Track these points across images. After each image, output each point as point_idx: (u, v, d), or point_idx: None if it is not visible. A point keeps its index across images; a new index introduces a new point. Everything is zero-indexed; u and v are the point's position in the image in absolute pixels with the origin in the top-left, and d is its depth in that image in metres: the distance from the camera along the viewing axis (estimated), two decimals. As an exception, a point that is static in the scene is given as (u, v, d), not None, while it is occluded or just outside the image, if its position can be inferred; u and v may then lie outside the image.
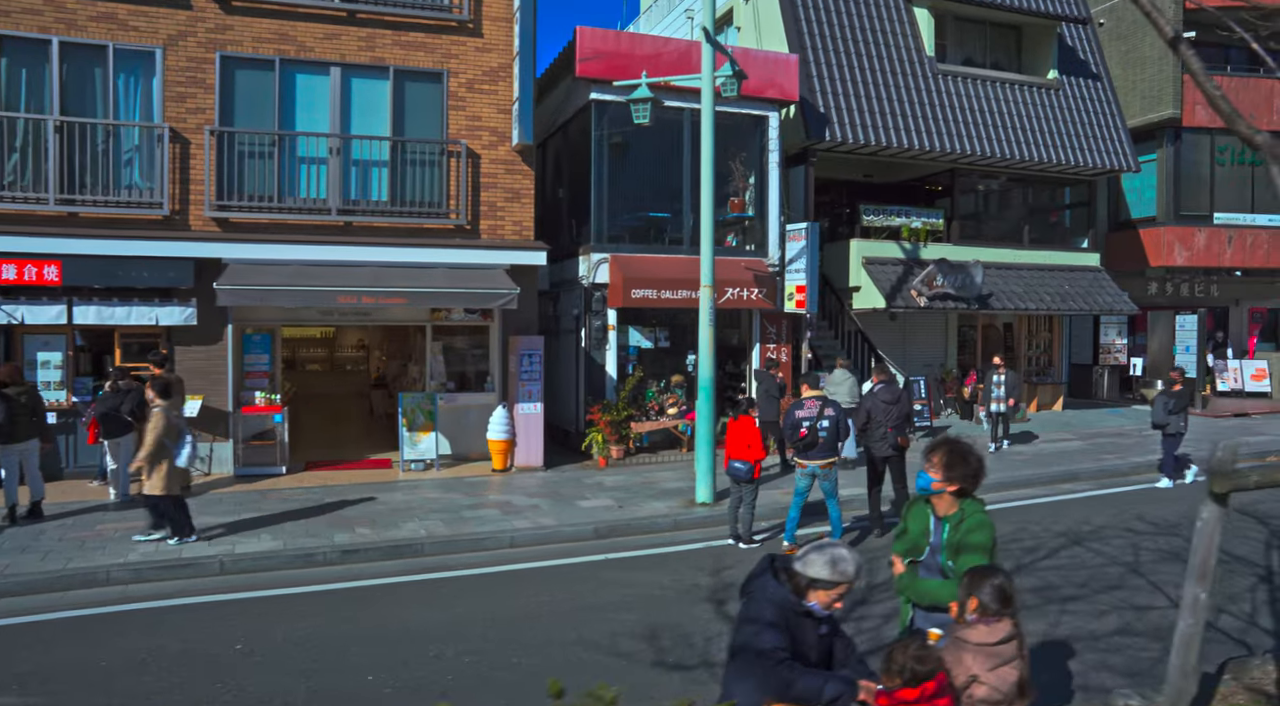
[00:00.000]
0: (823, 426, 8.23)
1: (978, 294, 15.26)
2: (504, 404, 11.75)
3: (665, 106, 12.90)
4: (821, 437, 8.24)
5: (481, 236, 12.07)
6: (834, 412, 8.30)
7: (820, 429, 8.23)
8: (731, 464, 8.55)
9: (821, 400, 8.40)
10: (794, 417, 8.37)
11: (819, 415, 8.26)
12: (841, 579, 2.91)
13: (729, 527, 8.76)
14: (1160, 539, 8.78)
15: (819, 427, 8.23)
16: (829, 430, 8.25)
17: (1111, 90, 17.45)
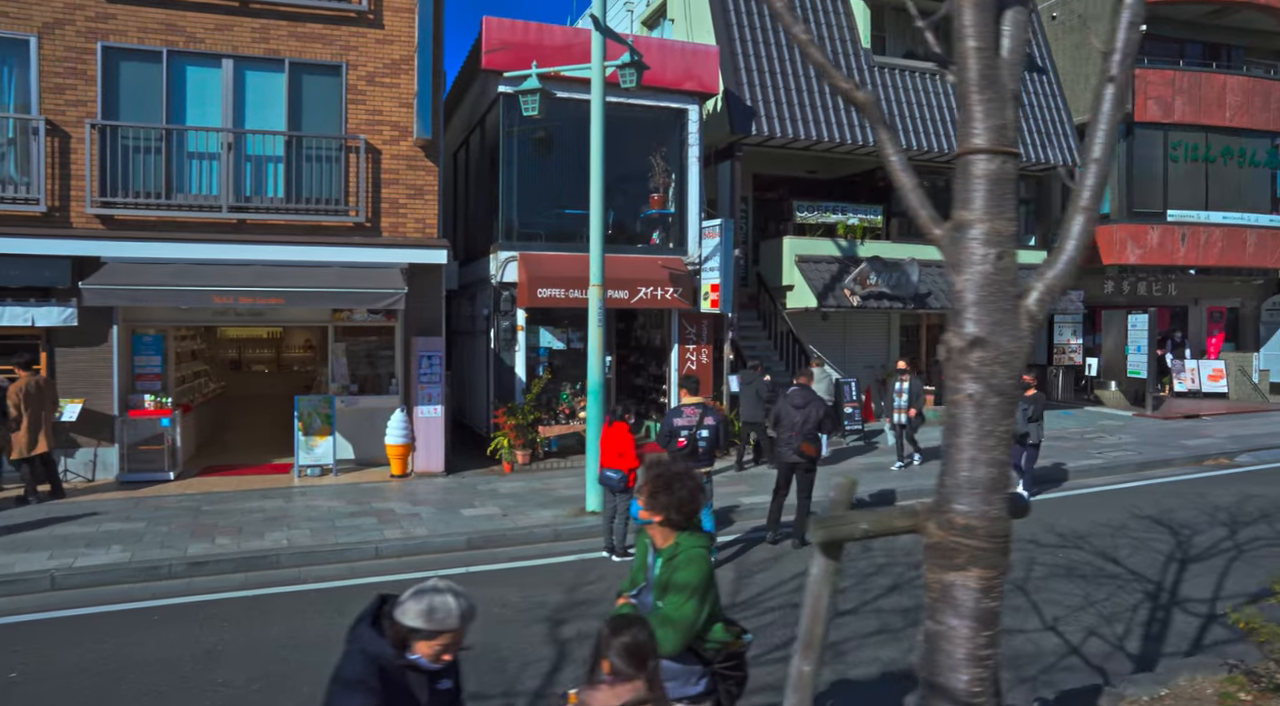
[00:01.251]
0: (702, 436, 7.87)
1: (914, 292, 14.88)
2: (403, 407, 11.39)
3: (579, 100, 12.53)
4: (701, 447, 7.87)
5: (383, 234, 11.69)
6: (714, 421, 7.93)
7: (700, 438, 7.87)
8: (604, 472, 8.19)
9: (701, 407, 8.01)
10: (671, 425, 7.99)
11: (698, 423, 7.89)
12: (441, 628, 2.53)
13: (604, 539, 8.40)
14: (1065, 552, 8.41)
15: (698, 437, 7.86)
16: (708, 439, 7.88)
17: (1057, 84, 17.06)
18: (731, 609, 6.76)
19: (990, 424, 2.06)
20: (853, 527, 2.47)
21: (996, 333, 2.10)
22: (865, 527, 2.44)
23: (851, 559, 8.16)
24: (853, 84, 2.37)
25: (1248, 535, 9.00)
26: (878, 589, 7.21)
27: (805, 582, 7.40)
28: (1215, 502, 10.60)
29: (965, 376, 2.12)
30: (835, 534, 2.53)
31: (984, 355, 2.10)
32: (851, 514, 2.51)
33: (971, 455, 2.10)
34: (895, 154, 2.34)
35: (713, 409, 8.01)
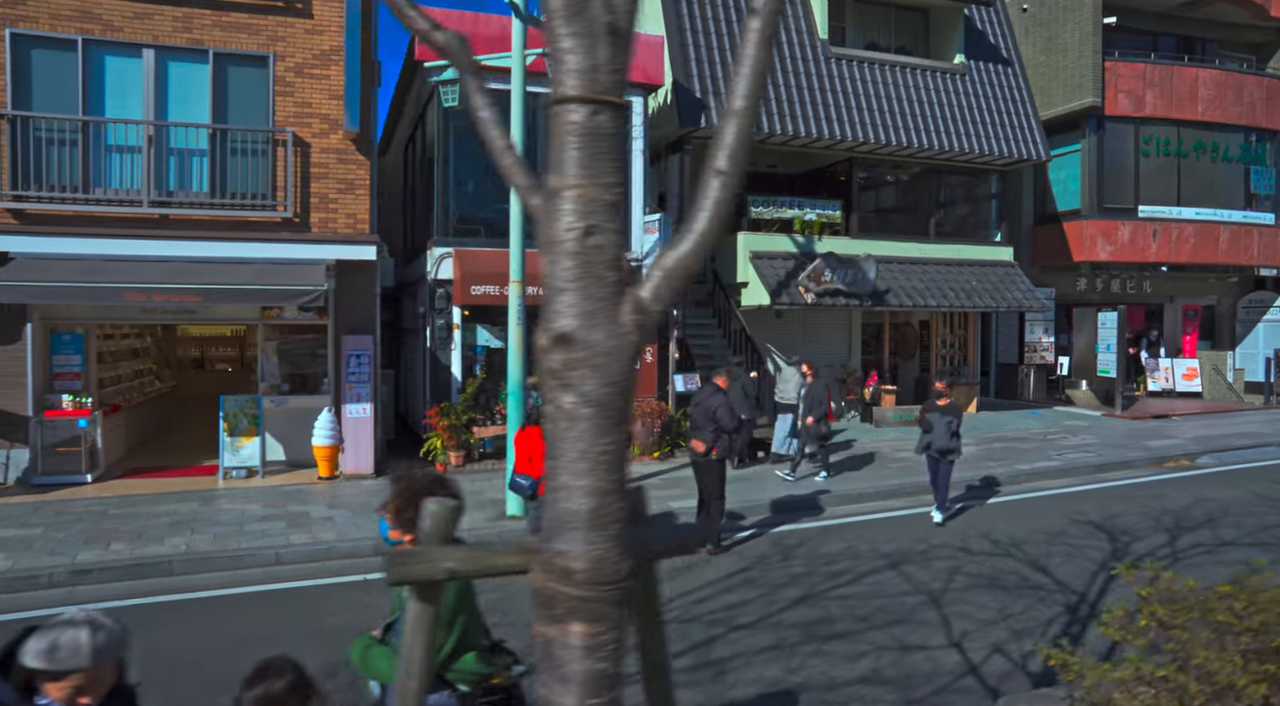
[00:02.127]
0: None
1: (871, 289, 14.54)
2: (330, 407, 11.07)
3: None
4: None
5: (312, 230, 11.35)
6: None
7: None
8: (514, 478, 7.89)
9: None
10: None
11: None
12: (67, 668, 2.20)
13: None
14: (994, 561, 8.08)
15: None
16: None
17: (1023, 76, 16.69)
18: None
19: (584, 442, 1.72)
20: (432, 567, 2.01)
21: (588, 328, 1.75)
22: (451, 567, 2.03)
23: (767, 567, 7.85)
24: (429, 24, 2.00)
25: (1188, 541, 8.67)
26: (784, 601, 6.88)
27: (702, 594, 7.03)
28: (1165, 506, 10.27)
29: (554, 383, 1.78)
30: (409, 574, 2.05)
31: (570, 356, 1.75)
32: (439, 550, 2.10)
33: (566, 481, 1.76)
34: (484, 108, 1.99)
35: None
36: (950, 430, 9.25)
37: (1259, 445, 14.37)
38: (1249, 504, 10.30)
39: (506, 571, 2.01)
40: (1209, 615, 2.80)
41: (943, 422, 9.27)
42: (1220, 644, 2.70)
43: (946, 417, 9.30)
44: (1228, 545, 8.55)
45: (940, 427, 9.25)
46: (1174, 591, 3.17)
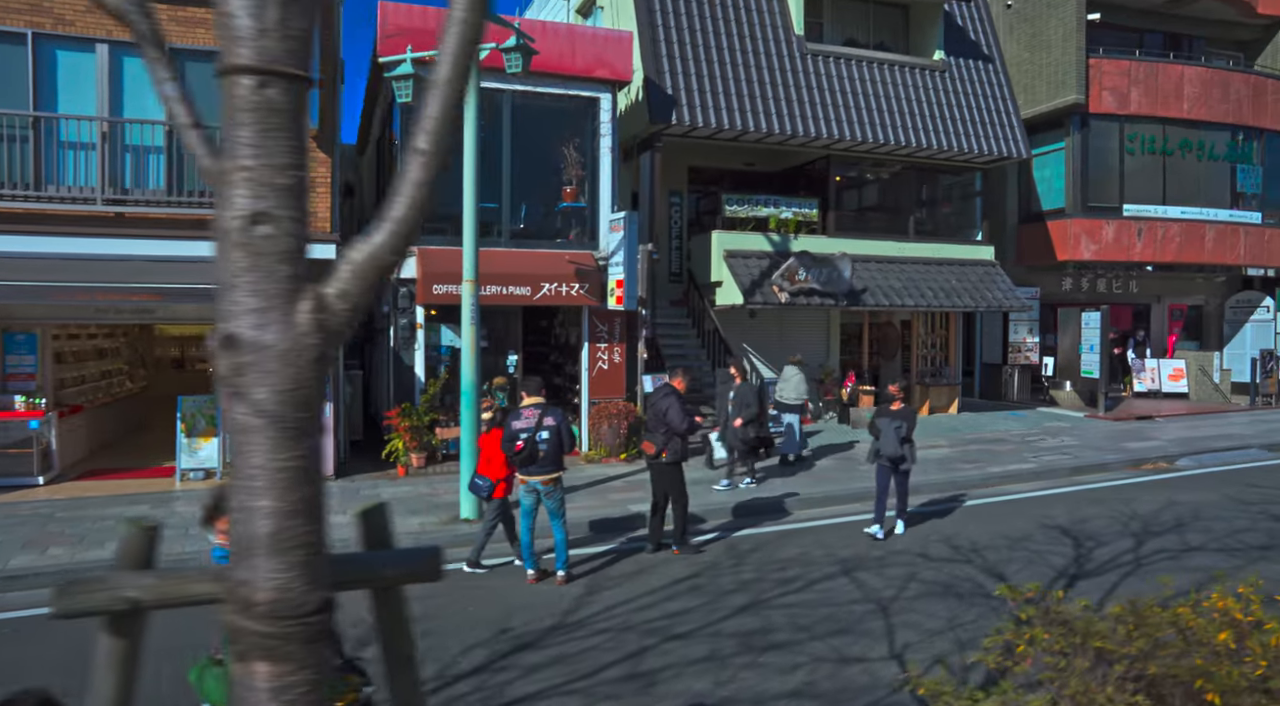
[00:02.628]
0: (541, 437, 7.33)
1: (847, 289, 14.34)
2: (289, 409, 10.88)
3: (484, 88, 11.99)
4: (541, 450, 7.34)
5: (272, 228, 11.16)
6: (554, 421, 7.39)
7: (539, 440, 7.33)
8: (473, 479, 7.72)
9: (540, 408, 7.47)
10: (511, 429, 7.47)
11: (537, 425, 7.36)
12: None
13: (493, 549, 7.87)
14: (952, 567, 7.88)
15: (538, 439, 7.33)
16: (549, 441, 7.35)
17: (1004, 73, 16.48)
18: (557, 629, 6.26)
19: (260, 457, 1.53)
20: (113, 596, 1.77)
21: (258, 328, 1.57)
22: (134, 596, 1.79)
23: (717, 573, 7.66)
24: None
25: (1153, 547, 8.47)
26: (727, 609, 6.69)
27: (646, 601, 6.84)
28: (1136, 510, 10.08)
29: (226, 391, 1.60)
30: (84, 604, 1.79)
31: (238, 361, 1.55)
32: (124, 577, 1.85)
33: (243, 502, 1.58)
34: (167, 83, 1.79)
35: (554, 409, 7.51)
36: (900, 436, 8.65)
37: (1239, 447, 14.17)
38: (1221, 508, 10.11)
39: (198, 601, 1.82)
40: (1090, 640, 2.61)
41: (891, 428, 8.68)
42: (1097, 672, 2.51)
43: (896, 423, 8.69)
44: (1193, 550, 8.36)
45: (889, 434, 8.67)
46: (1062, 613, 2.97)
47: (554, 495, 7.45)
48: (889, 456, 8.71)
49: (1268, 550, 8.38)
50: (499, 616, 6.56)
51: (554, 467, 7.40)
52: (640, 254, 12.65)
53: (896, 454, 8.67)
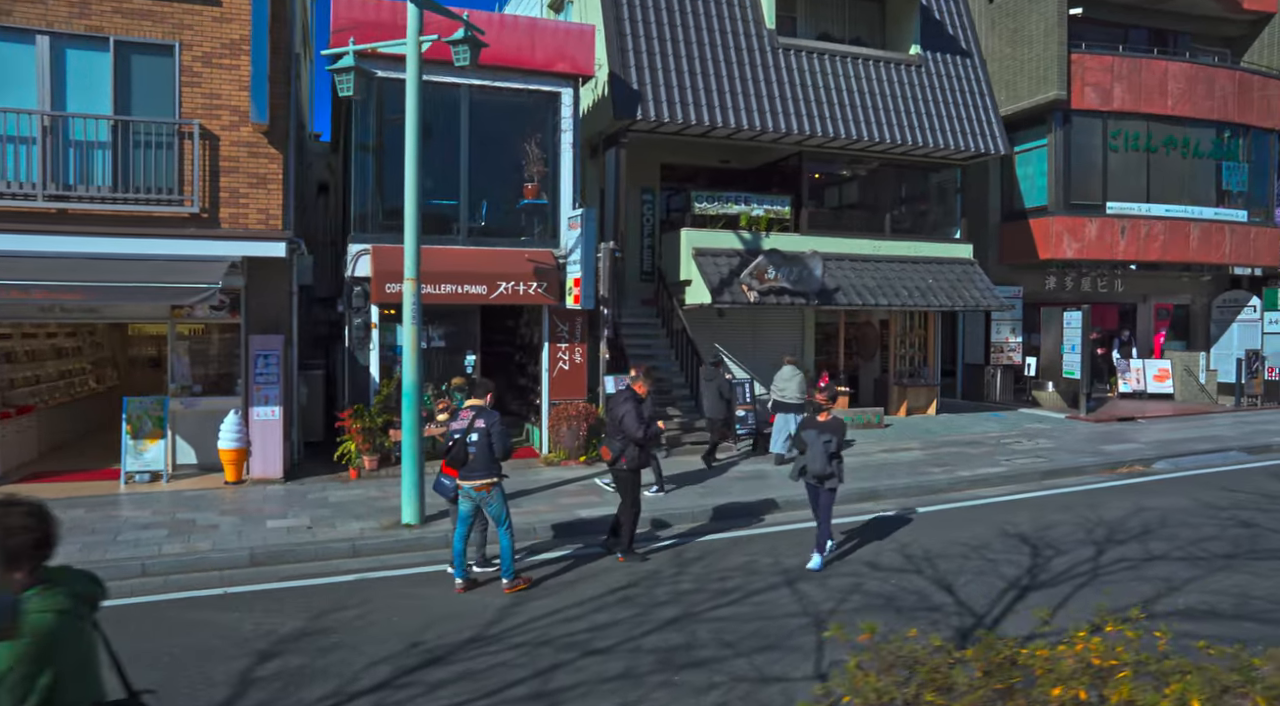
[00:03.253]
0: (471, 440, 7.09)
1: (819, 288, 14.06)
2: (236, 410, 10.65)
3: (440, 83, 11.75)
4: (470, 453, 7.09)
5: (222, 226, 10.92)
6: (484, 424, 7.14)
7: (469, 443, 7.10)
8: (439, 479, 7.48)
9: (477, 411, 7.23)
10: (449, 429, 7.29)
11: (469, 427, 7.13)
12: None
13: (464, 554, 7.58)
14: (901, 578, 7.62)
15: (467, 441, 7.09)
16: (477, 445, 7.09)
17: (982, 68, 16.19)
18: (473, 642, 6.01)
19: None
20: None
21: None
22: None
23: (655, 583, 7.40)
24: None
25: (1114, 556, 8.20)
26: (655, 623, 6.42)
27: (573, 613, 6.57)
28: (1102, 516, 9.80)
29: None
30: None
31: None
32: None
33: None
34: None
35: (490, 412, 7.26)
36: (828, 451, 7.62)
37: (1220, 449, 13.88)
38: (1191, 513, 9.83)
39: None
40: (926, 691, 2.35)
41: (819, 442, 7.64)
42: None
43: (824, 436, 7.66)
44: (1156, 560, 8.09)
45: (816, 448, 7.62)
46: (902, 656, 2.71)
47: (490, 502, 7.20)
48: (815, 473, 7.72)
49: (1231, 559, 8.10)
50: (418, 628, 6.31)
51: (485, 473, 7.14)
52: (602, 252, 12.39)
53: (823, 471, 7.68)
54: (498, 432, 7.12)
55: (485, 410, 7.28)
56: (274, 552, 8.05)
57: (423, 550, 8.47)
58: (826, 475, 7.69)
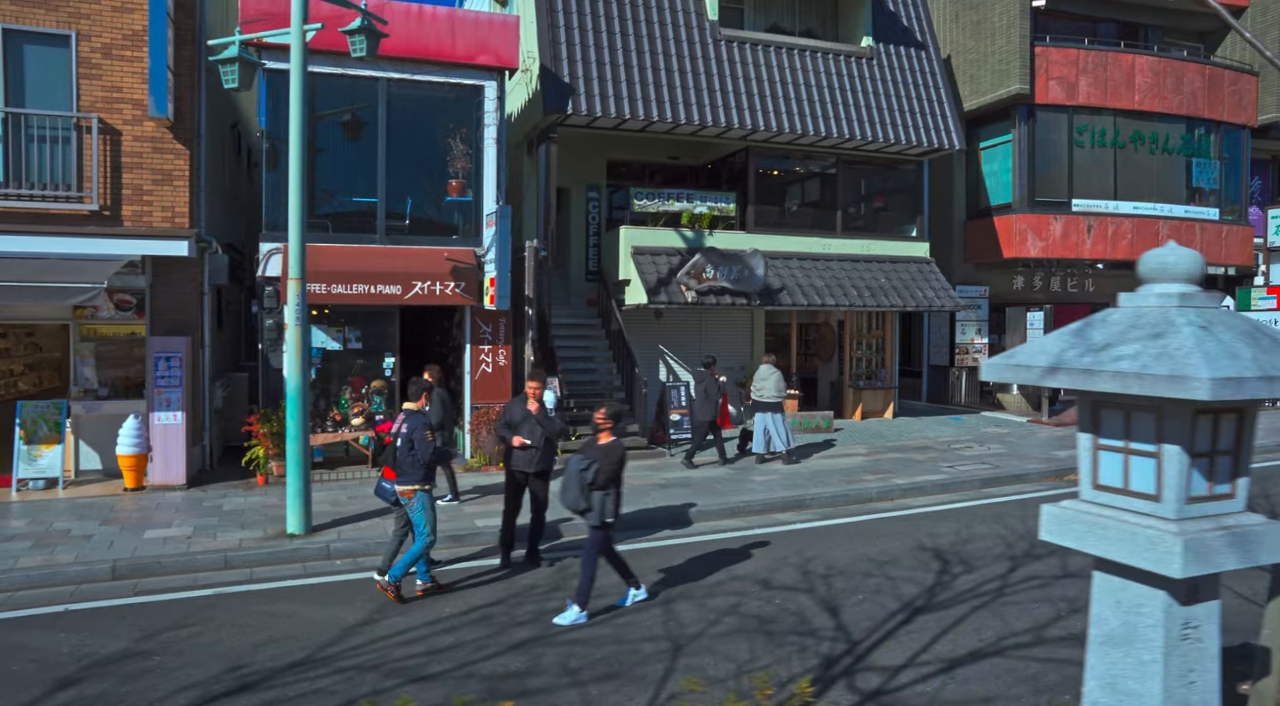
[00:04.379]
0: (396, 445, 6.93)
1: (761, 287, 13.61)
2: (137, 414, 10.29)
3: (360, 77, 11.38)
4: (396, 456, 6.89)
5: (124, 224, 10.56)
6: (409, 427, 6.93)
7: (395, 446, 6.91)
8: (380, 483, 7.23)
9: (406, 413, 7.10)
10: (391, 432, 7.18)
11: (396, 431, 6.99)
12: None
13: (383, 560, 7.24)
14: (787, 597, 7.18)
15: (395, 444, 6.90)
16: (400, 449, 6.89)
17: (937, 60, 15.71)
18: (300, 665, 5.61)
19: None
20: None
21: None
22: None
23: (523, 599, 6.98)
24: None
25: (1026, 573, 7.76)
26: (502, 645, 6.01)
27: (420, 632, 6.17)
28: (1031, 528, 9.36)
29: None
30: None
31: None
32: None
33: None
34: None
35: (416, 417, 7.02)
36: (583, 481, 6.37)
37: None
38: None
39: None
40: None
41: (576, 470, 6.42)
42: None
43: (584, 463, 6.43)
44: (1069, 577, 7.64)
45: (571, 476, 6.42)
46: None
47: (411, 506, 6.99)
48: (567, 506, 6.53)
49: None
50: (249, 648, 5.92)
51: (407, 479, 6.92)
52: (528, 251, 11.99)
53: (575, 504, 6.45)
54: (419, 438, 6.88)
55: (413, 414, 7.11)
56: (138, 565, 7.67)
57: (300, 562, 8.09)
58: (580, 509, 6.48)
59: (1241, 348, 1.89)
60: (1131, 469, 2.06)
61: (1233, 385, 1.77)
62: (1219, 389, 1.76)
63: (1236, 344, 1.91)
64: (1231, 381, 1.77)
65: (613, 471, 6.48)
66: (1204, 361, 1.79)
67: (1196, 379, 1.77)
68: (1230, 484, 2.09)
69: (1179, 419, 1.93)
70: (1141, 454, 2.03)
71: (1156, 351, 1.91)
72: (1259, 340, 1.97)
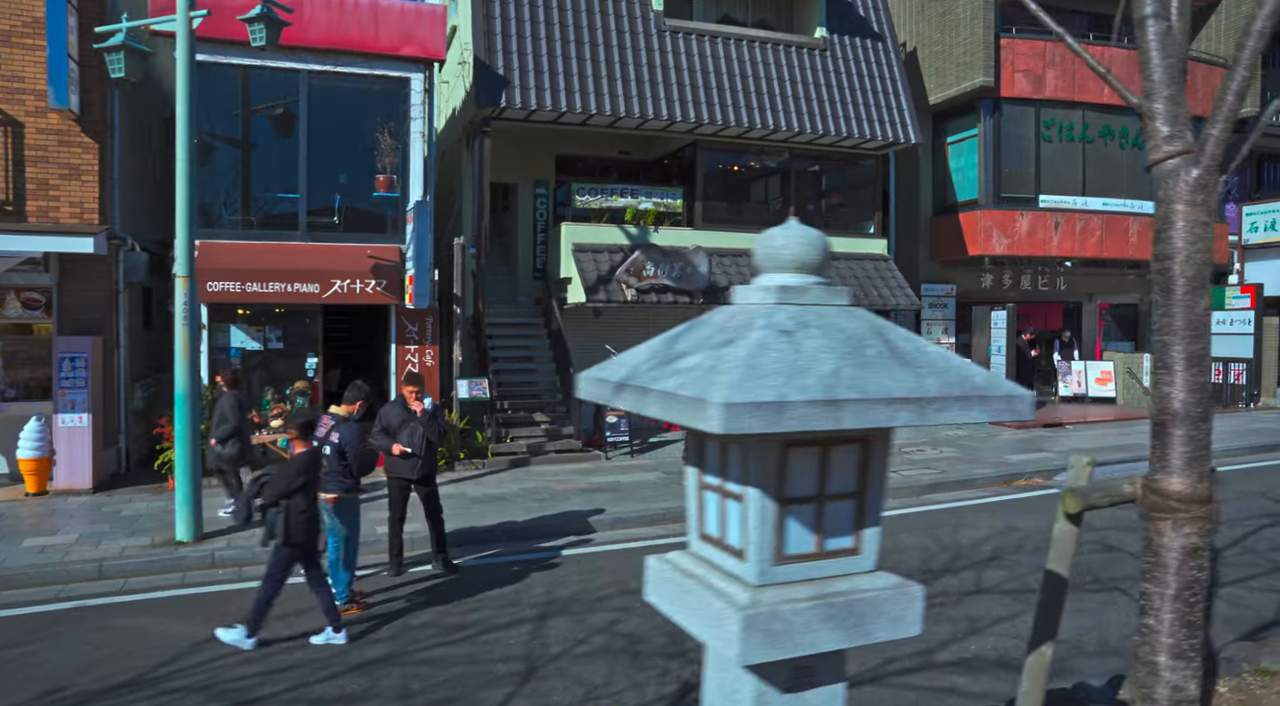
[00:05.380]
0: (325, 452, 6.60)
1: (705, 285, 13.23)
2: (39, 416, 9.98)
3: (279, 69, 11.04)
4: (324, 464, 6.57)
5: (29, 219, 10.25)
6: (338, 438, 6.64)
7: (325, 454, 6.60)
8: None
9: (336, 419, 6.81)
10: None
11: (324, 438, 6.66)
12: None
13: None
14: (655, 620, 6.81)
15: (323, 452, 6.57)
16: (331, 457, 6.59)
17: (894, 52, 15.28)
18: (120, 688, 5.27)
19: None
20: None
21: None
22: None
23: (391, 614, 6.63)
24: None
25: (935, 589, 7.37)
26: (347, 665, 5.66)
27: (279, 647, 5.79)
28: (959, 539, 8.98)
29: None
30: None
31: None
32: None
33: None
34: None
35: (347, 426, 6.74)
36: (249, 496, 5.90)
37: (1134, 459, 12.94)
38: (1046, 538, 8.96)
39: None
40: None
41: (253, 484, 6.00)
42: None
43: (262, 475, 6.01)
44: (980, 593, 7.27)
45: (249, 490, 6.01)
46: None
47: (335, 513, 6.67)
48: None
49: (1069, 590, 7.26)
50: (77, 669, 5.59)
51: (333, 487, 6.62)
52: (456, 248, 11.65)
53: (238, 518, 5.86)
54: (352, 451, 6.63)
55: (345, 421, 6.83)
56: (3, 578, 7.35)
57: (180, 571, 7.76)
58: (271, 533, 5.87)
59: (826, 360, 1.52)
60: (728, 515, 1.69)
61: (764, 412, 1.38)
62: (734, 418, 1.36)
63: (821, 355, 1.54)
64: (762, 407, 1.38)
65: (282, 486, 5.78)
66: (732, 380, 1.41)
67: (711, 404, 1.40)
68: (853, 536, 1.72)
69: (762, 452, 1.56)
70: (734, 496, 1.66)
71: (710, 364, 1.53)
72: (862, 352, 1.59)
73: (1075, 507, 3.22)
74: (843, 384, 1.50)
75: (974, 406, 1.58)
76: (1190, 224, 2.75)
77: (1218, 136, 2.76)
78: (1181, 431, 2.79)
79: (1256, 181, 20.15)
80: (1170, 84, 2.71)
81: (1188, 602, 2.68)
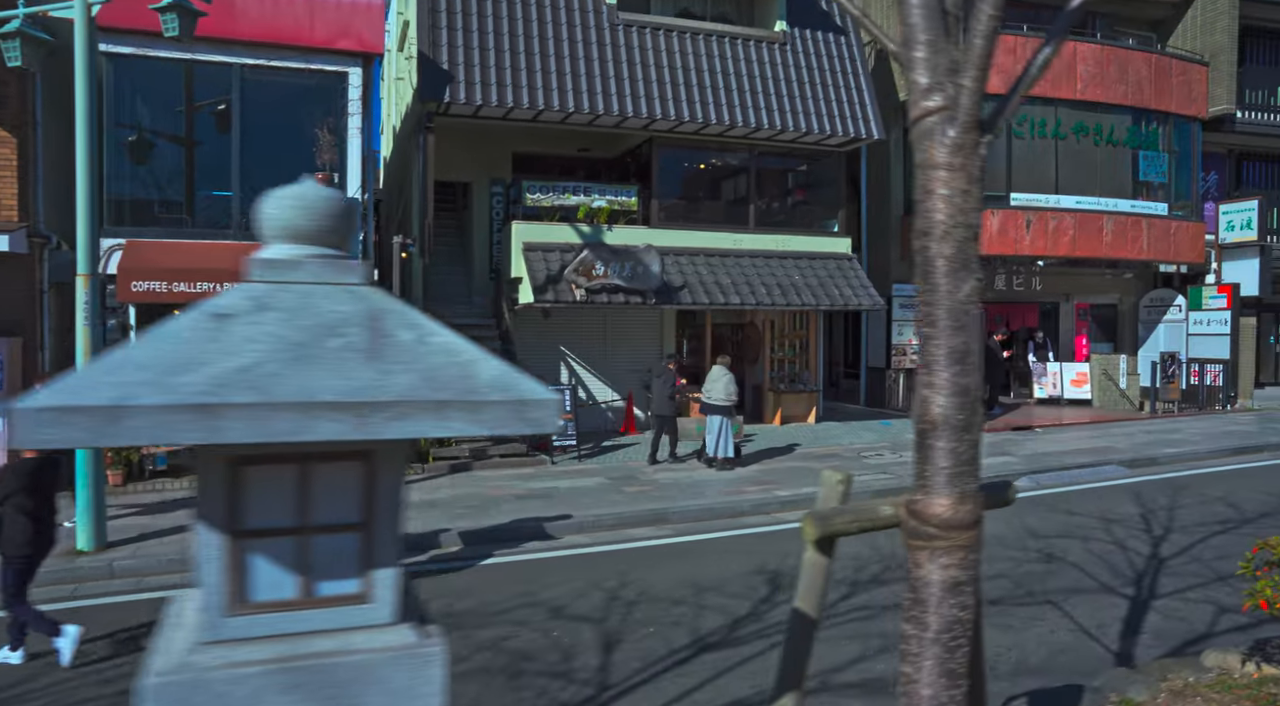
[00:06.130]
0: None
1: (657, 285, 12.90)
2: (-46, 420, 9.69)
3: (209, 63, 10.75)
4: None
5: (-53, 216, 9.99)
6: None
7: None
8: None
9: None
10: None
11: None
12: None
13: None
14: (581, 629, 6.51)
15: None
16: None
17: (858, 47, 14.94)
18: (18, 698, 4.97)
19: None
20: None
21: None
22: None
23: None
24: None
25: (861, 602, 7.08)
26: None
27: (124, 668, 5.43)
28: (898, 549, 8.61)
29: None
30: None
31: None
32: None
33: None
34: None
35: None
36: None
37: (1097, 463, 12.61)
38: (1003, 543, 8.61)
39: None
40: None
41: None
42: None
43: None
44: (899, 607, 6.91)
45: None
46: None
47: None
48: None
49: (991, 606, 6.92)
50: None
51: None
52: (395, 246, 11.34)
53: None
54: None
55: None
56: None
57: (73, 582, 7.48)
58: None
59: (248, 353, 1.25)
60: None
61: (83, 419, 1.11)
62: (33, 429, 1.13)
63: (248, 346, 1.28)
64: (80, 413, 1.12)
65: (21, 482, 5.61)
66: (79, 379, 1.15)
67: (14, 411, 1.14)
68: (359, 579, 1.41)
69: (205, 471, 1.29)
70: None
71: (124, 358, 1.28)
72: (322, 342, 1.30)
73: (814, 534, 2.85)
74: (242, 383, 1.21)
75: (456, 414, 1.28)
76: (951, 192, 2.42)
77: (970, 87, 2.42)
78: (943, 443, 2.46)
79: (1236, 180, 19.76)
80: (930, 29, 2.37)
81: (947, 647, 2.34)
